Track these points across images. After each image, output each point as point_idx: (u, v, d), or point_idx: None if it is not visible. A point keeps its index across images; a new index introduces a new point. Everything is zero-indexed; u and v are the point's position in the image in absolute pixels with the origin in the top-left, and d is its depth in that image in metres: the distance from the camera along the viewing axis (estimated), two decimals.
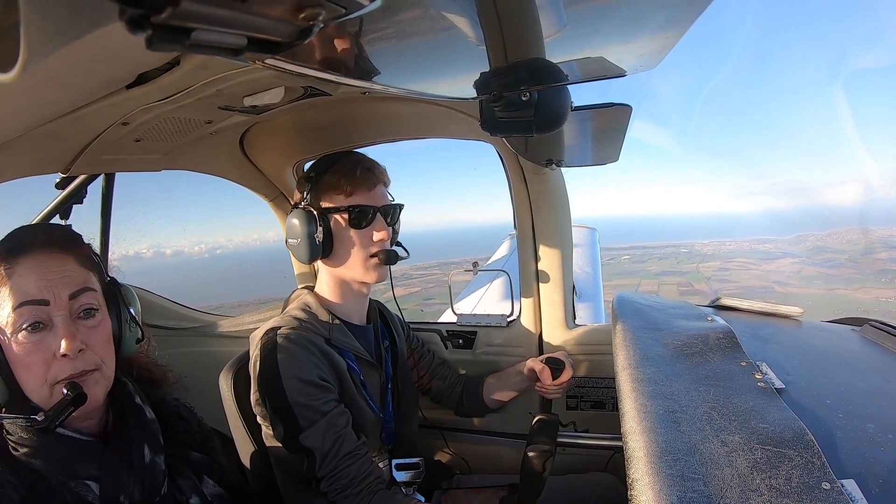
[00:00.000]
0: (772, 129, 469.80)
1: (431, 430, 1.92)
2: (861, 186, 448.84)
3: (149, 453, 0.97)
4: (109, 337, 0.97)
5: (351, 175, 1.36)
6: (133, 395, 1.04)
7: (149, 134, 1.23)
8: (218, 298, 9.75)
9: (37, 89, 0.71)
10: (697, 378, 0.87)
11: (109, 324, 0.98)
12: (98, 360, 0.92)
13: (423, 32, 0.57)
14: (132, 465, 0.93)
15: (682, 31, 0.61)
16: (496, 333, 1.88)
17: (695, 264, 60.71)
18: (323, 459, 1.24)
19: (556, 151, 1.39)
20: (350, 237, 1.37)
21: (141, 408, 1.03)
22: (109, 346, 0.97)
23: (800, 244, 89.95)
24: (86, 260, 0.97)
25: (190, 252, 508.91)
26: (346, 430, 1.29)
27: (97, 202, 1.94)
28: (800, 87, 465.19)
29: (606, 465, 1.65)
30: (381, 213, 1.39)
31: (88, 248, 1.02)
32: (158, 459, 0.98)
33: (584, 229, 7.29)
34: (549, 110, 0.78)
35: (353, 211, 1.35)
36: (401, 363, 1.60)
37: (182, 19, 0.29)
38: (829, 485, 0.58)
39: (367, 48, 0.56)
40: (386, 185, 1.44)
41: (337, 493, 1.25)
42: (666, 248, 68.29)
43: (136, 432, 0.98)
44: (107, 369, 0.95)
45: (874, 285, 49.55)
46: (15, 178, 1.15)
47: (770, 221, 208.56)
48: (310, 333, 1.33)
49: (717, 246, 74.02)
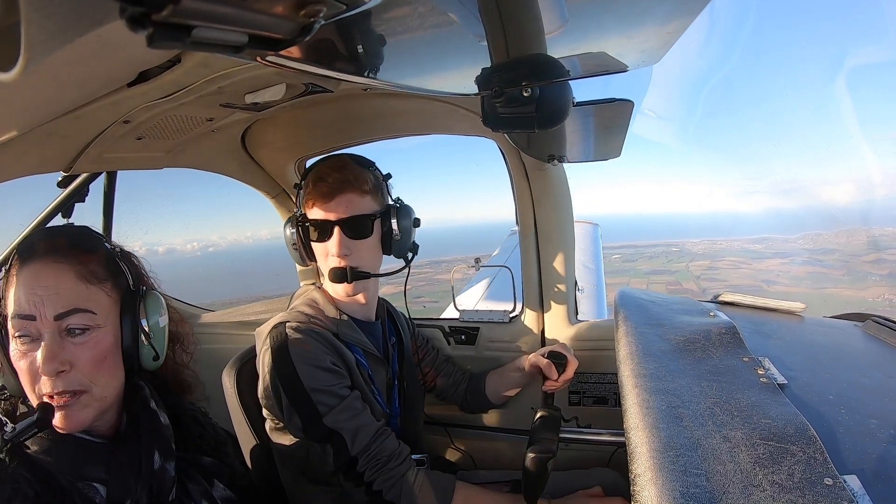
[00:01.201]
0: (771, 126, 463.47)
1: (436, 427, 1.93)
2: (855, 186, 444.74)
3: (159, 459, 0.95)
4: (106, 356, 0.90)
5: (309, 186, 1.34)
6: (148, 400, 1.01)
7: (150, 132, 1.23)
8: (209, 296, 9.70)
9: (38, 88, 0.71)
10: (700, 374, 0.87)
11: (108, 341, 0.90)
12: (86, 382, 0.87)
13: (424, 29, 0.57)
14: (140, 471, 0.92)
15: (685, 26, 0.61)
16: (499, 329, 1.88)
17: (685, 263, 60.75)
18: (354, 436, 1.24)
19: (557, 147, 1.38)
20: (315, 249, 1.38)
21: (155, 412, 1.01)
22: (103, 366, 0.89)
23: (792, 244, 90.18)
24: (93, 270, 0.90)
25: (182, 250, 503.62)
26: (366, 412, 1.29)
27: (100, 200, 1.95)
28: (801, 83, 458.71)
29: (609, 460, 1.66)
30: (341, 226, 1.31)
31: (105, 253, 0.96)
32: (168, 466, 0.96)
33: (587, 225, 7.29)
34: (550, 106, 0.78)
35: (307, 224, 1.35)
36: (407, 360, 1.60)
37: (183, 17, 0.29)
38: (831, 480, 0.58)
39: (368, 45, 0.56)
40: (362, 191, 1.33)
41: (377, 469, 1.24)
42: (657, 246, 68.28)
43: (147, 437, 0.96)
44: (99, 390, 0.89)
45: (862, 285, 49.92)
46: (17, 176, 1.16)
47: (765, 221, 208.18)
48: (318, 327, 1.34)
49: (709, 245, 74.04)
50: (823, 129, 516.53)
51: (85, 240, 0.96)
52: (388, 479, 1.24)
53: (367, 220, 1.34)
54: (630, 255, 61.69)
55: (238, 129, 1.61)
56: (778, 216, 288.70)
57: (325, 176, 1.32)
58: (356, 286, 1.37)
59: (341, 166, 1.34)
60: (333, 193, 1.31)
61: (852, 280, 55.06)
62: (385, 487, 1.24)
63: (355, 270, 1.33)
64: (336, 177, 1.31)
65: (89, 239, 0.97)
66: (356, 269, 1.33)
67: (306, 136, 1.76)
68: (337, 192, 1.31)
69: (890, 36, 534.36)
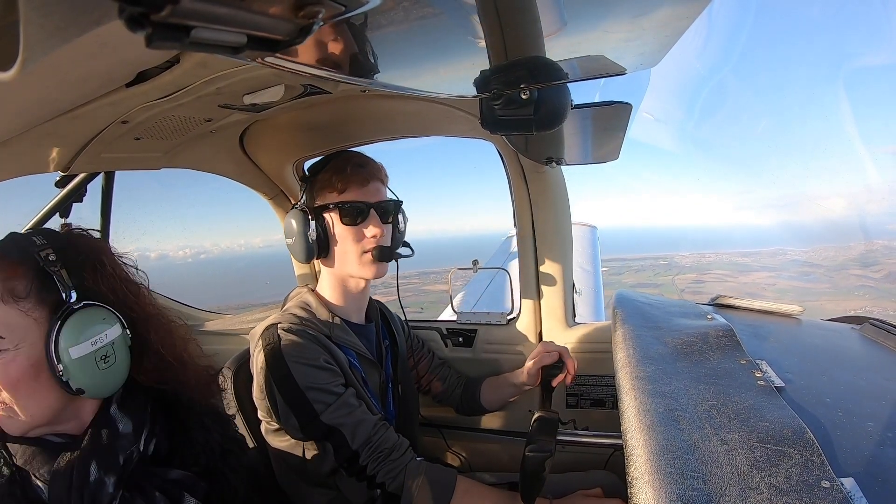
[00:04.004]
0: (770, 129, 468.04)
1: (432, 429, 1.92)
2: (846, 201, 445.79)
3: (95, 471, 0.88)
4: (18, 379, 0.83)
5: (342, 171, 1.36)
6: (110, 405, 0.95)
7: (148, 132, 1.23)
8: (198, 303, 9.63)
9: (36, 87, 0.71)
10: (697, 376, 0.87)
11: (17, 365, 0.83)
12: (7, 400, 0.83)
13: (422, 30, 0.57)
14: (72, 481, 0.87)
15: (684, 29, 0.61)
16: (496, 332, 1.88)
17: (671, 276, 61.00)
18: (354, 431, 1.24)
19: (556, 149, 1.38)
20: (344, 234, 1.37)
21: (113, 420, 0.93)
22: (19, 389, 0.83)
23: (779, 257, 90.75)
24: (10, 287, 0.84)
25: (174, 256, 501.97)
26: (363, 407, 1.30)
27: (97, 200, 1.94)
28: (800, 83, 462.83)
29: (606, 463, 1.66)
30: (375, 209, 1.38)
31: (35, 266, 0.87)
32: (108, 479, 0.89)
33: (584, 227, 7.30)
34: (549, 108, 0.78)
35: (344, 207, 1.36)
36: (401, 363, 1.59)
37: (182, 17, 0.29)
38: (828, 483, 0.59)
39: (366, 46, 0.56)
40: (383, 182, 1.43)
41: (380, 461, 1.25)
42: (645, 259, 68.61)
43: (87, 448, 0.90)
44: (20, 409, 0.84)
45: (845, 297, 50.42)
46: (14, 176, 1.15)
47: (754, 234, 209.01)
48: (310, 328, 1.34)
49: (697, 258, 74.43)
50: (821, 133, 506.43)
51: (8, 252, 0.87)
52: (391, 471, 1.25)
53: (393, 206, 1.44)
54: (617, 269, 61.96)
55: (236, 130, 1.61)
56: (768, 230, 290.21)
57: (364, 163, 1.40)
58: (386, 267, 1.43)
59: (367, 158, 1.43)
60: (370, 178, 1.38)
61: (835, 292, 55.73)
62: (388, 479, 1.24)
63: (395, 250, 1.43)
64: (373, 164, 1.41)
65: (13, 250, 0.88)
66: (395, 251, 1.43)
67: (305, 137, 1.76)
68: (372, 178, 1.39)
69: (890, 37, 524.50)
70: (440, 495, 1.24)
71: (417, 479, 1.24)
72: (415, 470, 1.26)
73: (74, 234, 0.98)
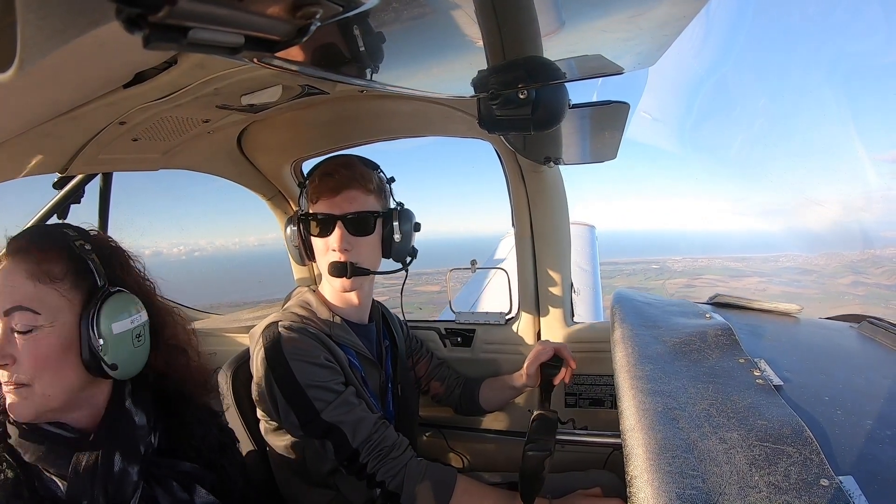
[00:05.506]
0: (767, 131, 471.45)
1: (432, 429, 1.92)
2: (841, 208, 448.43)
3: (120, 461, 0.91)
4: (49, 356, 0.87)
5: (313, 181, 1.35)
6: (125, 398, 0.98)
7: (146, 133, 1.22)
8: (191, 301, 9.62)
9: (33, 89, 0.71)
10: (696, 375, 0.87)
11: (51, 342, 0.87)
12: (25, 378, 0.86)
13: (420, 31, 0.57)
14: (96, 472, 0.89)
15: (681, 28, 0.61)
16: (495, 331, 1.88)
17: (662, 281, 61.01)
18: (355, 429, 1.24)
19: (554, 149, 1.39)
20: (316, 245, 1.38)
21: (129, 412, 0.97)
22: (46, 366, 0.87)
23: (771, 263, 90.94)
24: (47, 269, 0.88)
25: (168, 253, 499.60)
26: (363, 405, 1.29)
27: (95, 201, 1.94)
28: (800, 85, 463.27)
29: (605, 462, 1.66)
30: (343, 221, 1.32)
31: (69, 251, 0.92)
32: (132, 469, 0.92)
33: (583, 226, 7.30)
34: (546, 108, 0.78)
35: (316, 218, 1.35)
36: (401, 363, 1.60)
37: (179, 18, 0.29)
38: (827, 481, 0.59)
39: (364, 46, 0.56)
40: (365, 189, 1.34)
41: (380, 459, 1.24)
42: (637, 264, 68.50)
43: (111, 438, 0.93)
44: (40, 388, 0.87)
45: (833, 304, 50.73)
46: (12, 178, 1.15)
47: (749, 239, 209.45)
48: (311, 326, 1.34)
49: (690, 263, 74.42)
50: (821, 133, 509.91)
51: (44, 238, 0.93)
52: (391, 470, 1.24)
53: (370, 218, 1.35)
54: (609, 272, 62.03)
55: (234, 130, 1.61)
56: (762, 234, 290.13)
57: (333, 172, 1.33)
58: (353, 282, 1.37)
59: (349, 164, 1.36)
60: (340, 188, 1.32)
61: (825, 298, 56.06)
62: (388, 478, 1.24)
63: (355, 266, 1.34)
64: (344, 173, 1.33)
65: (49, 237, 0.94)
66: (356, 265, 1.34)
67: (303, 137, 1.75)
68: (343, 188, 1.32)
69: (890, 37, 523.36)
70: (440, 494, 1.24)
71: (417, 478, 1.24)
72: (415, 469, 1.26)
73: (94, 232, 1.04)
